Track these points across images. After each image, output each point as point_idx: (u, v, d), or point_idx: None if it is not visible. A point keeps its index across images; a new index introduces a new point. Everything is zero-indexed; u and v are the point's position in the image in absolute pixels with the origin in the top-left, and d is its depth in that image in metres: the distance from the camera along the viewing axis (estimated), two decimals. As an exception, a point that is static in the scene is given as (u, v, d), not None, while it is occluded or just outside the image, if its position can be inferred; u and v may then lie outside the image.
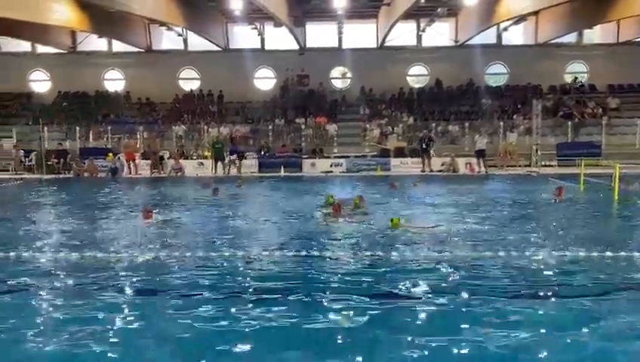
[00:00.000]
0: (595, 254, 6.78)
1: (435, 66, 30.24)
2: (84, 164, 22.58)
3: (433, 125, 25.98)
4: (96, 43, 30.05)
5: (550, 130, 25.30)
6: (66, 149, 24.27)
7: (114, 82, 31.21)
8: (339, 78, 31.33)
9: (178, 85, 30.91)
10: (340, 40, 30.26)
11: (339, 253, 6.98)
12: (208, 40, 28.50)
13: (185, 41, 30.32)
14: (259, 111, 28.64)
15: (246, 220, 9.97)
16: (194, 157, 24.28)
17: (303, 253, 6.99)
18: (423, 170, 21.94)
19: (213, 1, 26.65)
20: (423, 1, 22.79)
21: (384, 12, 28.20)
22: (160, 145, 24.86)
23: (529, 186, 16.39)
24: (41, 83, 31.23)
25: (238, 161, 22.21)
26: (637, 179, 14.42)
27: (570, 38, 29.65)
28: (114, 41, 29.97)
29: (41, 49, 30.43)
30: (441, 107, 28.09)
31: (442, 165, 22.29)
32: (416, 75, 30.94)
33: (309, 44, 30.21)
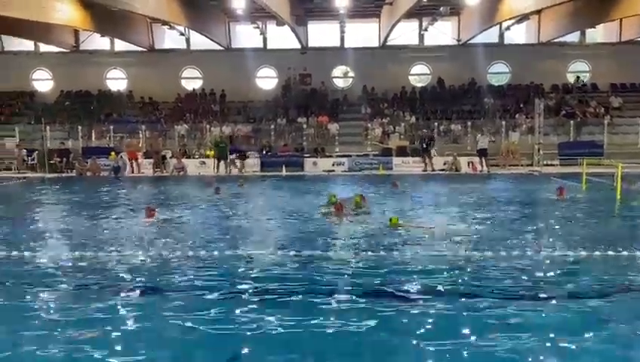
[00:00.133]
0: (597, 254, 6.77)
1: (437, 65, 30.18)
2: (87, 163, 22.65)
3: (435, 124, 25.95)
4: (99, 42, 30.06)
5: (552, 130, 25.25)
6: (69, 148, 24.34)
7: (116, 81, 31.22)
8: (341, 78, 31.31)
9: (180, 84, 30.90)
10: (342, 39, 30.23)
11: (339, 253, 6.99)
12: (210, 39, 28.50)
13: (187, 40, 30.30)
14: (261, 110, 28.62)
15: (247, 220, 10.00)
16: (196, 157, 24.32)
17: (302, 253, 7.00)
18: (425, 170, 21.96)
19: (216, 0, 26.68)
20: (425, 0, 22.77)
21: (386, 11, 28.17)
22: (162, 144, 24.88)
23: (531, 186, 16.38)
24: (43, 82, 31.26)
25: (239, 161, 22.24)
26: (639, 179, 14.40)
27: (573, 38, 29.55)
28: (116, 40, 29.99)
29: (43, 48, 30.45)
30: (444, 106, 28.05)
31: (444, 164, 22.29)
32: (419, 74, 30.89)
33: (311, 44, 30.19)
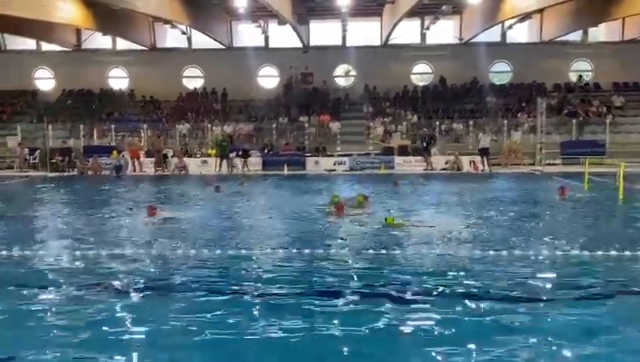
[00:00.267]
0: (599, 253, 6.75)
1: (439, 64, 30.13)
2: (88, 161, 22.69)
3: (437, 123, 25.94)
4: (101, 41, 30.05)
5: (554, 129, 25.23)
6: (70, 147, 24.38)
7: (118, 80, 31.24)
8: (342, 76, 31.29)
9: (182, 83, 30.90)
10: (344, 38, 30.21)
11: (338, 253, 6.96)
12: (212, 38, 28.49)
13: (189, 39, 30.30)
14: (262, 109, 28.61)
15: (247, 219, 9.98)
16: (198, 156, 24.35)
17: (299, 252, 6.99)
18: (426, 169, 21.98)
19: (218, -2, 26.68)
20: (426, -1, 22.76)
21: (388, 10, 28.13)
22: (164, 143, 24.88)
23: (532, 185, 16.35)
24: (45, 81, 31.30)
25: (241, 160, 22.27)
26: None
27: (575, 36, 29.46)
28: (118, 39, 30.03)
29: (45, 47, 30.48)
30: (445, 105, 28.00)
31: (446, 163, 22.29)
32: (421, 73, 30.85)
33: (313, 42, 30.16)
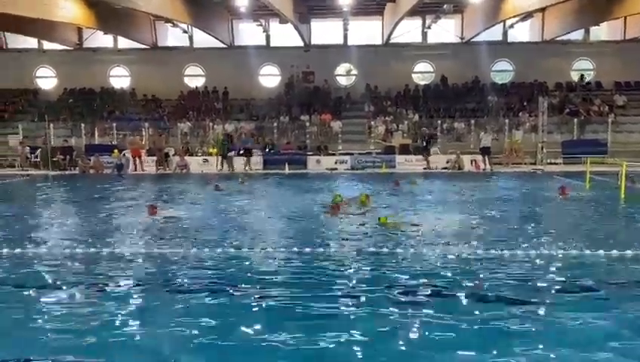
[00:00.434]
0: (601, 252, 6.74)
1: (440, 63, 30.11)
2: (90, 160, 22.71)
3: (438, 122, 25.94)
4: (102, 40, 30.14)
5: (556, 128, 25.21)
6: (72, 146, 24.40)
7: (119, 79, 31.28)
8: (344, 75, 31.28)
9: (183, 82, 30.91)
10: (346, 37, 30.20)
11: (338, 252, 6.97)
12: (213, 37, 28.50)
13: (190, 37, 30.34)
14: (264, 108, 28.64)
15: (247, 217, 9.97)
16: (199, 154, 24.36)
17: (297, 250, 7.01)
18: (426, 168, 21.99)
19: (219, -3, 26.69)
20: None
21: (389, 9, 28.10)
22: (165, 141, 24.92)
23: (533, 184, 16.33)
24: (47, 79, 31.34)
25: (244, 159, 22.32)
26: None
27: (577, 35, 29.42)
28: (119, 38, 30.06)
29: (47, 46, 30.51)
30: (447, 104, 28.00)
31: (447, 162, 22.27)
32: (422, 72, 30.83)
33: (314, 41, 30.16)
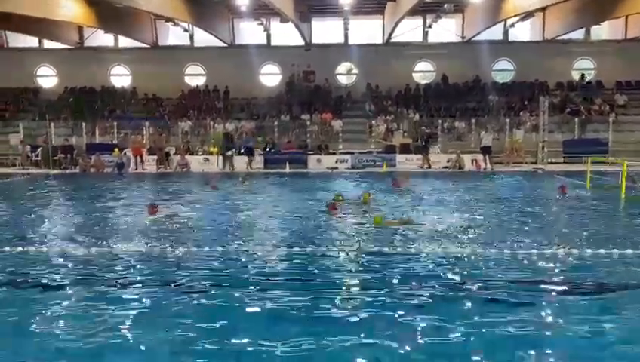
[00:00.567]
0: (601, 252, 6.74)
1: (441, 63, 30.08)
2: (91, 159, 22.72)
3: (439, 121, 25.93)
4: (103, 39, 30.17)
5: (557, 127, 25.19)
6: (73, 145, 24.40)
7: (120, 78, 31.28)
8: (344, 74, 31.27)
9: (184, 81, 30.91)
10: (346, 36, 30.19)
11: (338, 252, 6.97)
12: (214, 36, 28.50)
13: (191, 37, 30.34)
14: (264, 107, 28.63)
15: (248, 217, 9.97)
16: (199, 153, 24.36)
17: (296, 249, 7.02)
18: (421, 166, 21.99)
19: (219, -4, 26.69)
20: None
21: (390, 8, 28.09)
22: (166, 140, 24.92)
23: (534, 183, 16.33)
24: (47, 78, 31.34)
25: (246, 158, 22.36)
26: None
27: (578, 35, 29.41)
28: (120, 37, 30.05)
29: (48, 44, 30.51)
30: (448, 103, 27.98)
31: (448, 162, 22.27)
32: (423, 72, 30.83)
33: (315, 40, 30.15)
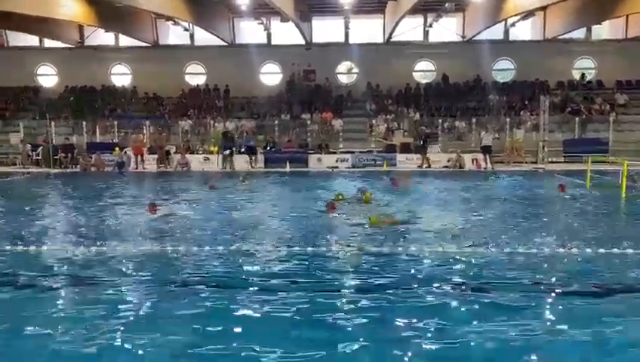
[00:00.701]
0: (602, 251, 6.74)
1: (441, 62, 30.06)
2: (91, 158, 22.74)
3: (440, 121, 25.92)
4: (103, 38, 30.16)
5: (557, 127, 25.18)
6: (73, 144, 24.40)
7: (121, 77, 31.28)
8: (345, 74, 31.26)
9: (184, 80, 30.90)
10: (347, 35, 30.17)
11: (336, 250, 6.99)
12: (215, 35, 28.49)
13: (191, 36, 30.33)
14: (265, 106, 28.62)
15: (248, 216, 9.98)
16: (200, 152, 24.37)
17: (296, 249, 7.03)
18: (420, 166, 21.98)
19: (220, -5, 26.68)
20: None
21: (391, 7, 28.06)
22: (166, 139, 24.92)
23: (534, 183, 16.32)
24: (48, 77, 31.35)
25: (248, 157, 22.39)
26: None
27: (579, 34, 29.37)
28: (121, 36, 30.02)
29: (48, 43, 30.51)
30: (448, 103, 27.96)
31: (448, 161, 22.27)
32: (423, 71, 30.81)
33: (316, 39, 30.12)
